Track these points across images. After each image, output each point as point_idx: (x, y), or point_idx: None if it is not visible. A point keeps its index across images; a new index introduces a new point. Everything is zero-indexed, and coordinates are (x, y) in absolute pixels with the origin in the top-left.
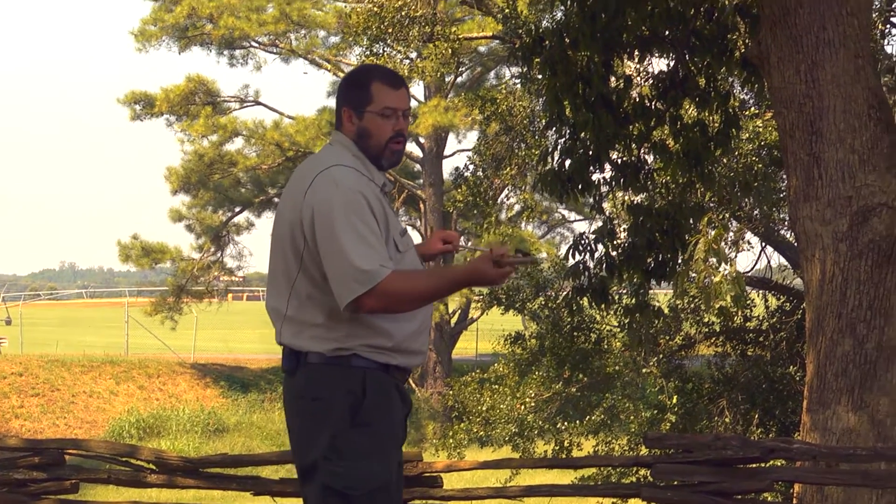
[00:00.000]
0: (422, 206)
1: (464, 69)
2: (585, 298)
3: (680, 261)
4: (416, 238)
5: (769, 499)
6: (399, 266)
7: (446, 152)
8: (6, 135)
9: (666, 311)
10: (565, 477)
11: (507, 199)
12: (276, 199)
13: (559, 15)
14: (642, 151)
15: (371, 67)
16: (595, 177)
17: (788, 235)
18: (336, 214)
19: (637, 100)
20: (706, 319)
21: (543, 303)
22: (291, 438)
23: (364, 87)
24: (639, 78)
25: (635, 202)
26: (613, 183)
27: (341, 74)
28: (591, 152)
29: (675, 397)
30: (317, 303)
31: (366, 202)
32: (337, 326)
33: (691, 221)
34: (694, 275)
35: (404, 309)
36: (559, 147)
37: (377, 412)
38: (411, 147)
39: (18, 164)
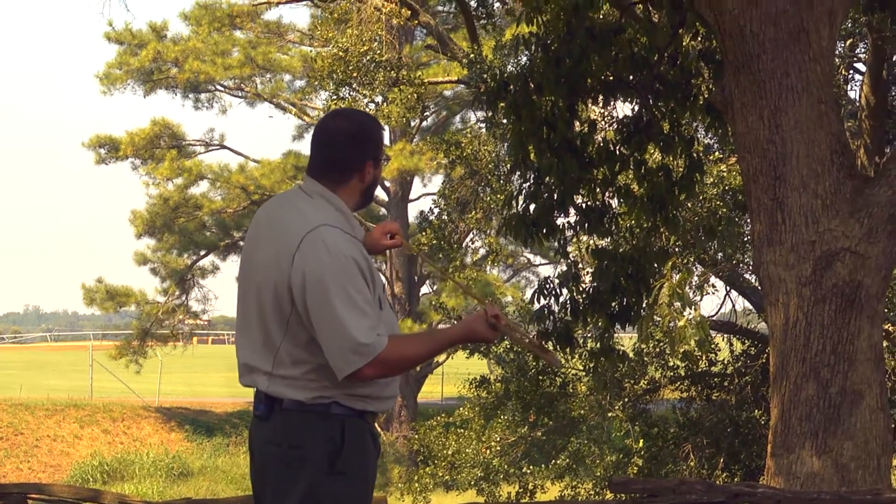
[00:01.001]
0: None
1: (429, 113)
2: (550, 342)
3: (644, 305)
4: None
5: None
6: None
7: (411, 196)
8: None
9: (631, 355)
10: None
11: (473, 243)
12: (241, 243)
13: (524, 60)
14: (607, 196)
15: (371, 116)
16: (560, 221)
17: (753, 280)
18: (330, 283)
19: (601, 144)
20: (671, 363)
21: (509, 346)
22: (258, 483)
23: (381, 137)
24: (603, 122)
25: (600, 246)
26: (578, 227)
27: (307, 119)
28: (555, 196)
29: (640, 441)
30: (301, 362)
31: (357, 268)
32: (320, 378)
33: (656, 266)
34: (658, 319)
35: (401, 372)
36: (524, 191)
37: (354, 459)
38: (377, 191)
39: None
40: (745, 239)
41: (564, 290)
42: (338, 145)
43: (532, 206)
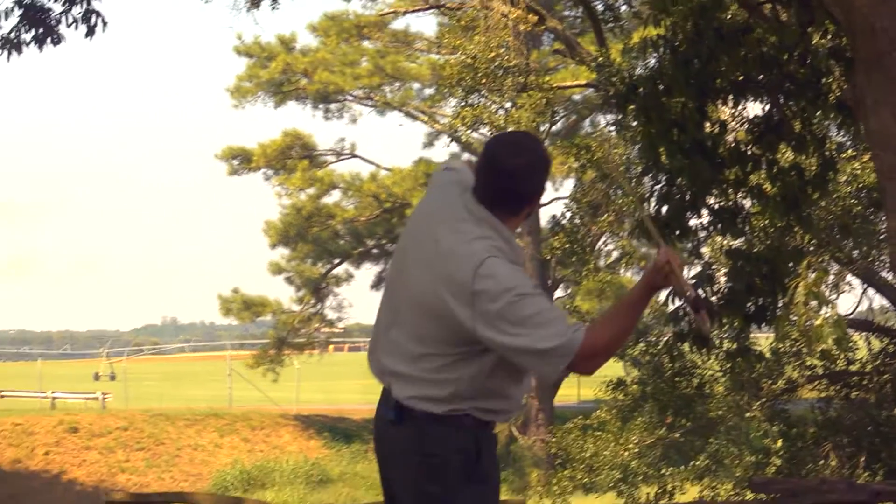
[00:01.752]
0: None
1: (558, 118)
2: (686, 344)
3: (780, 305)
4: None
5: None
6: None
7: (543, 200)
8: (106, 194)
9: (767, 355)
10: None
11: (605, 246)
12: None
13: (652, 62)
14: (739, 196)
15: (541, 143)
16: (692, 222)
17: (890, 277)
18: (505, 313)
19: (733, 145)
20: (808, 363)
21: (644, 349)
22: (391, 489)
23: (550, 164)
24: (734, 123)
25: (734, 247)
26: (711, 228)
27: (437, 126)
28: (687, 198)
29: (779, 441)
30: (443, 378)
31: (520, 293)
32: (460, 392)
33: (791, 265)
34: (795, 318)
35: (614, 351)
36: (656, 193)
37: (489, 469)
38: None
39: (118, 222)
40: (881, 236)
41: (699, 291)
42: (516, 181)
43: (664, 208)
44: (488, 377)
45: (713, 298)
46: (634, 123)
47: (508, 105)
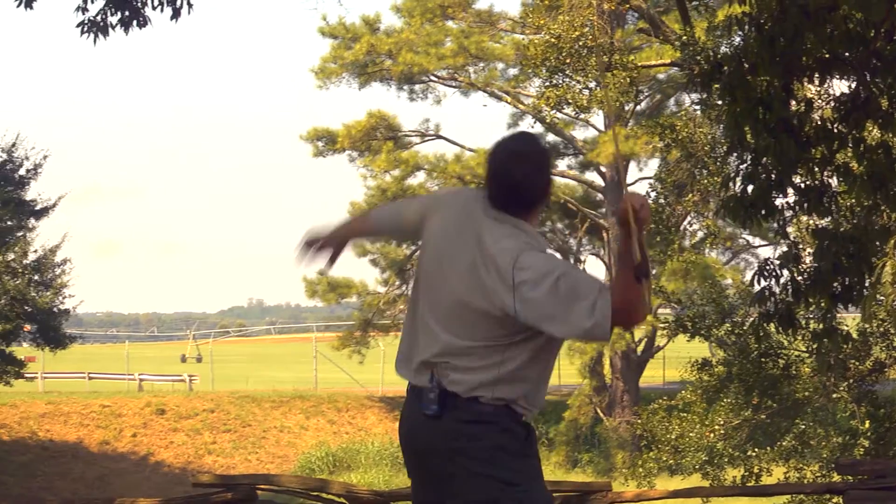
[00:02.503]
0: (605, 234)
1: (643, 97)
2: (772, 324)
3: (867, 284)
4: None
5: None
6: None
7: (628, 180)
8: (192, 177)
9: (854, 335)
10: None
11: (690, 226)
12: None
13: (737, 40)
14: (825, 175)
15: (538, 138)
16: (778, 202)
17: None
18: (544, 297)
19: (819, 123)
20: None
21: (730, 329)
22: (438, 482)
23: (550, 155)
24: (820, 101)
25: (820, 226)
26: (797, 207)
27: (521, 106)
28: (773, 177)
29: (867, 423)
30: (487, 366)
31: (557, 277)
32: (505, 380)
33: (878, 244)
34: (882, 298)
35: (635, 302)
36: (741, 173)
37: (526, 458)
38: (593, 176)
39: (205, 205)
40: None
41: (785, 272)
42: (526, 186)
43: (750, 188)
44: (528, 367)
45: (799, 278)
46: (719, 102)
47: (593, 85)
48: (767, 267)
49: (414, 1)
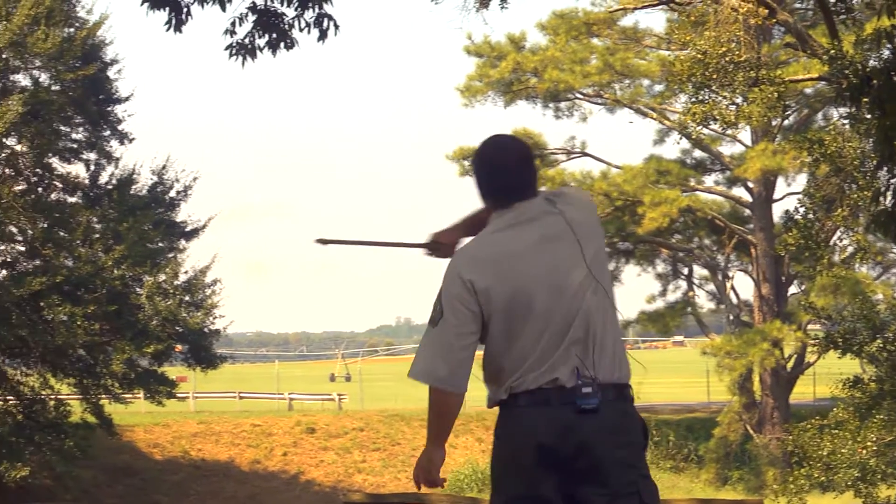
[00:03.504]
0: (752, 251)
1: (790, 112)
2: None
3: None
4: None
5: None
6: None
7: (775, 196)
8: (339, 196)
9: None
10: None
11: (840, 241)
12: (606, 249)
13: (886, 53)
14: None
15: None
16: None
17: None
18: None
19: None
20: None
21: (881, 345)
22: (604, 470)
23: None
24: None
25: None
26: None
27: (667, 122)
28: None
29: None
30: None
31: None
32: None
33: None
34: None
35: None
36: (891, 187)
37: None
38: (740, 192)
39: (352, 224)
40: None
41: None
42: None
43: None
44: None
45: None
46: (868, 116)
47: (740, 100)
48: None
49: (559, 19)
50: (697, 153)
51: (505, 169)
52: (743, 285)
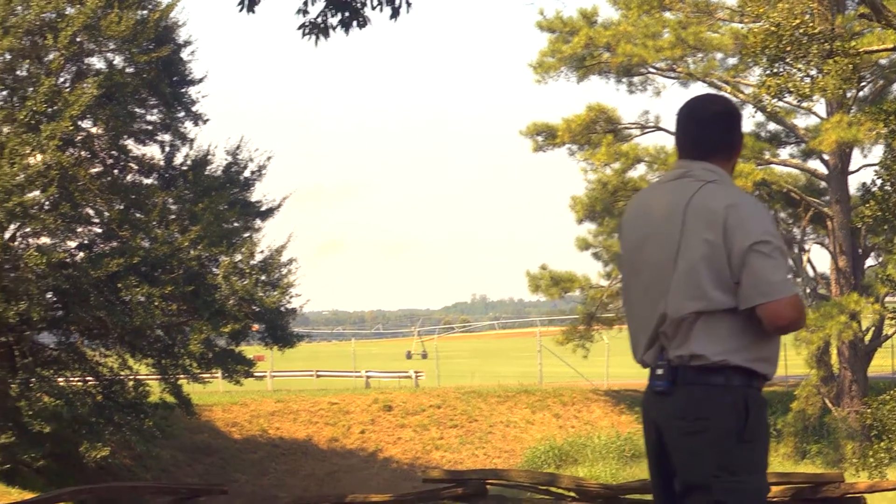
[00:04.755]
0: (829, 223)
1: (865, 83)
2: None
3: None
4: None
5: None
6: None
7: (851, 168)
8: (413, 174)
9: None
10: None
11: None
12: None
13: None
14: None
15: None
16: None
17: None
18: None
19: None
20: None
21: None
22: (674, 460)
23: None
24: None
25: None
26: None
27: (741, 96)
28: None
29: None
30: (717, 328)
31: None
32: (729, 342)
33: None
34: None
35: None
36: None
37: (758, 428)
38: (815, 164)
39: (426, 202)
40: None
41: None
42: (724, 127)
43: None
44: None
45: None
46: None
47: (814, 72)
48: None
49: None
50: (772, 126)
51: (677, 124)
52: (819, 258)
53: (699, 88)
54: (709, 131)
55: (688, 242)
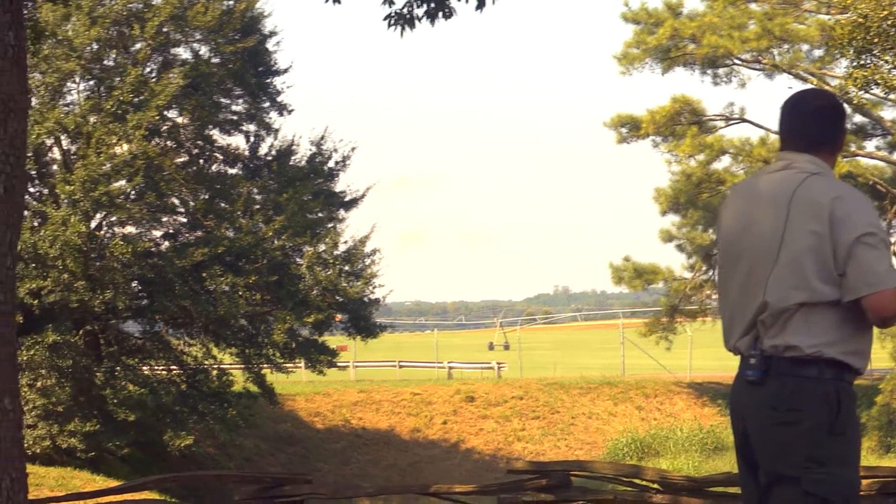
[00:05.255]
0: None
1: None
2: None
3: None
4: None
5: None
6: None
7: None
8: (498, 165)
9: None
10: None
11: None
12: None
13: None
14: None
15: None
16: None
17: None
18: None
19: None
20: None
21: None
22: (759, 450)
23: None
24: None
25: None
26: None
27: (828, 88)
28: None
29: None
30: (816, 319)
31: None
32: (824, 334)
33: None
34: None
35: None
36: None
37: (849, 420)
38: None
39: (510, 193)
40: None
41: None
42: (828, 121)
43: None
44: None
45: None
46: None
47: None
48: None
49: None
50: (858, 118)
51: (781, 116)
52: None
53: (784, 80)
54: (813, 125)
55: (792, 233)
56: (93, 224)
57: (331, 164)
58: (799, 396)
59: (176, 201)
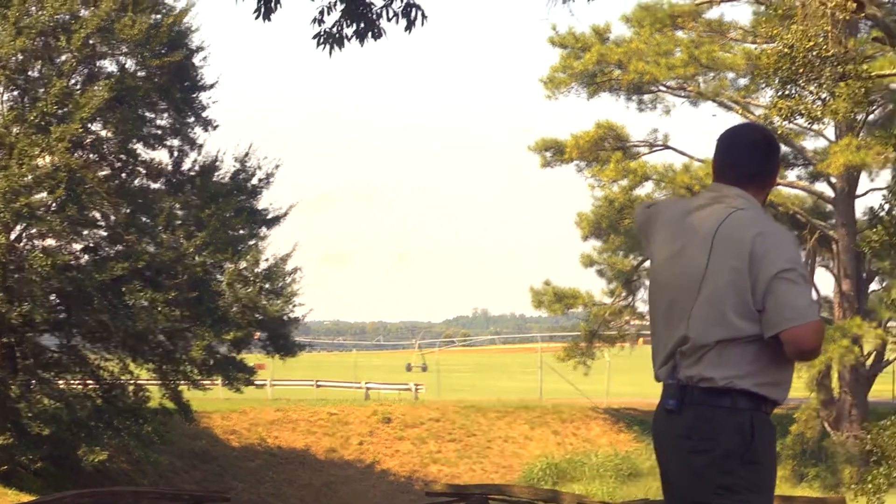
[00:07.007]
0: (834, 246)
1: (875, 107)
2: None
3: None
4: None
5: None
6: None
7: (858, 191)
8: (418, 187)
9: None
10: None
11: None
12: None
13: None
14: None
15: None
16: None
17: None
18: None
19: None
20: None
21: None
22: (674, 477)
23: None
24: None
25: None
26: None
27: (751, 117)
28: None
29: None
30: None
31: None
32: (741, 365)
33: None
34: None
35: (817, 348)
36: None
37: (763, 449)
38: (822, 187)
39: (430, 215)
40: None
41: None
42: (761, 156)
43: None
44: None
45: None
46: None
47: (825, 95)
48: None
49: (644, 11)
50: (781, 147)
51: (716, 149)
52: (823, 281)
53: (709, 108)
54: (746, 159)
55: (714, 269)
56: (12, 236)
57: (254, 181)
58: (712, 425)
59: (97, 215)
